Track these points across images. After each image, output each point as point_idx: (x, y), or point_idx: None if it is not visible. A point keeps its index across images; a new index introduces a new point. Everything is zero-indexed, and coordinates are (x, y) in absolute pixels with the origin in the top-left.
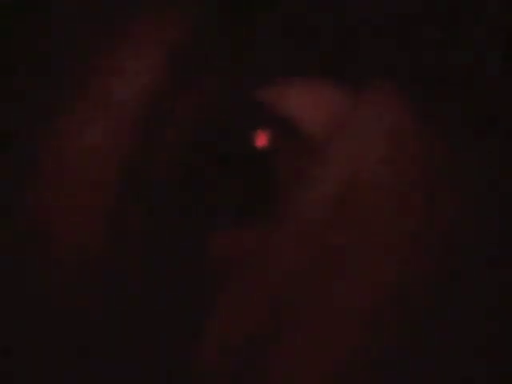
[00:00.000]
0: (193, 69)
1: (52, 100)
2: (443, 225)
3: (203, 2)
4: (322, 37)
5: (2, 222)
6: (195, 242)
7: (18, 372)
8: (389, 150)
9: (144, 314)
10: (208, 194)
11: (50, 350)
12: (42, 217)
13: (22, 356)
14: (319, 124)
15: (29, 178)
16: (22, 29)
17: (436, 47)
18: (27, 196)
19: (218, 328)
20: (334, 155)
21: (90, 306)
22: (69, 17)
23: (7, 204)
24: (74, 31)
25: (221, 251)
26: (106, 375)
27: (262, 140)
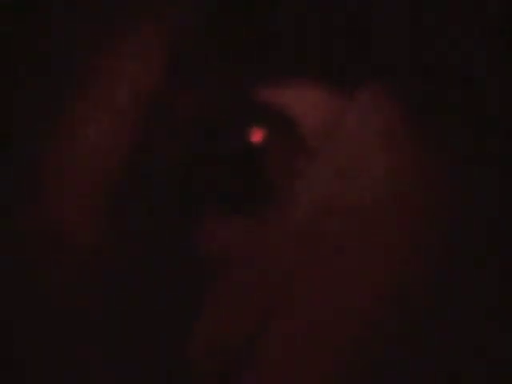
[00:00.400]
0: (193, 69)
1: (52, 100)
2: (443, 225)
3: (203, 2)
4: (322, 37)
5: (1, 221)
6: (195, 242)
7: (18, 372)
8: (388, 150)
9: (144, 313)
10: (207, 193)
11: (50, 349)
12: (42, 217)
13: (22, 356)
14: (318, 123)
15: (29, 178)
16: (22, 29)
17: (436, 47)
18: (27, 196)
19: (218, 328)
20: (332, 155)
21: (90, 306)
22: (69, 17)
23: (7, 204)
24: (74, 31)
25: (220, 251)
26: (106, 375)
27: (260, 139)
